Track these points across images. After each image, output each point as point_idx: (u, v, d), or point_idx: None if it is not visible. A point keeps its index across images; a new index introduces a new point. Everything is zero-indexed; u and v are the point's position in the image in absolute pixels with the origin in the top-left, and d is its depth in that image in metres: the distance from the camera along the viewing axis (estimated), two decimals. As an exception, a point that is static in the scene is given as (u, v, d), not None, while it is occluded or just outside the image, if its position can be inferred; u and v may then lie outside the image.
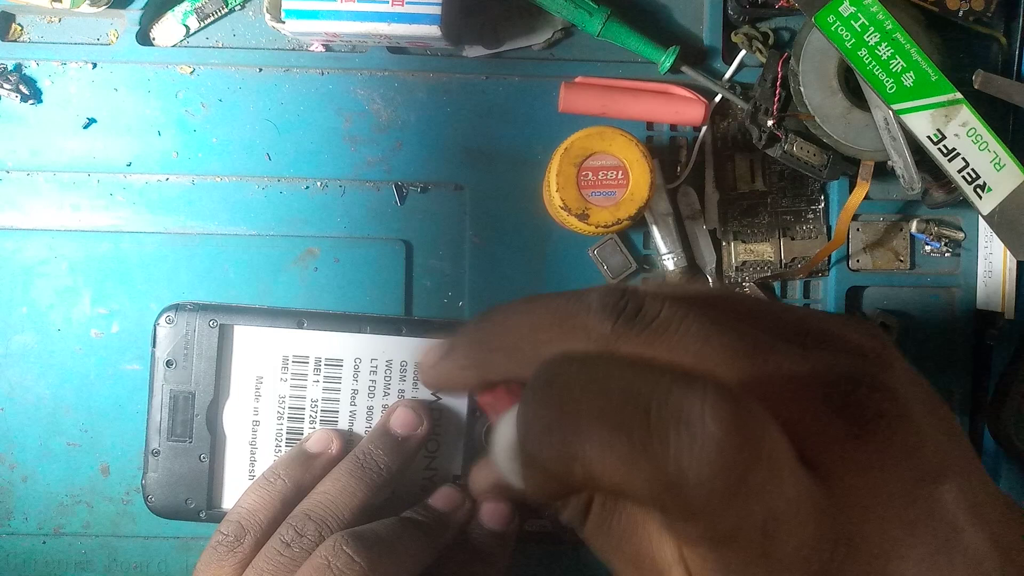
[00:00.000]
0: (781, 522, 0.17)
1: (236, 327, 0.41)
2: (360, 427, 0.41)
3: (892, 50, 0.38)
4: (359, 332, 0.41)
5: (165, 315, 0.41)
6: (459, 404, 0.41)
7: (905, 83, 0.38)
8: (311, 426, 0.41)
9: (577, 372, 0.18)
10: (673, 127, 0.43)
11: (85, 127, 0.42)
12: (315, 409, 0.41)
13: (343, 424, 0.41)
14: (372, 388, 0.41)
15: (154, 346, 0.41)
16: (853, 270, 0.44)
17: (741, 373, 0.19)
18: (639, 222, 0.40)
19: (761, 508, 0.17)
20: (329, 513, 0.36)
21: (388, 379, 0.41)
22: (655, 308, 0.20)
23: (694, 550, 0.18)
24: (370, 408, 0.41)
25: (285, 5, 0.39)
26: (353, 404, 0.41)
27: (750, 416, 0.17)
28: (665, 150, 0.43)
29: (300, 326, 0.41)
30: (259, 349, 0.41)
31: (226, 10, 0.42)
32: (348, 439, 0.40)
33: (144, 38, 0.42)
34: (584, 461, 0.17)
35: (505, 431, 0.21)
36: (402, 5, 0.38)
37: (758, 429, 0.17)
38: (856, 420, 0.19)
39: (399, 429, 0.39)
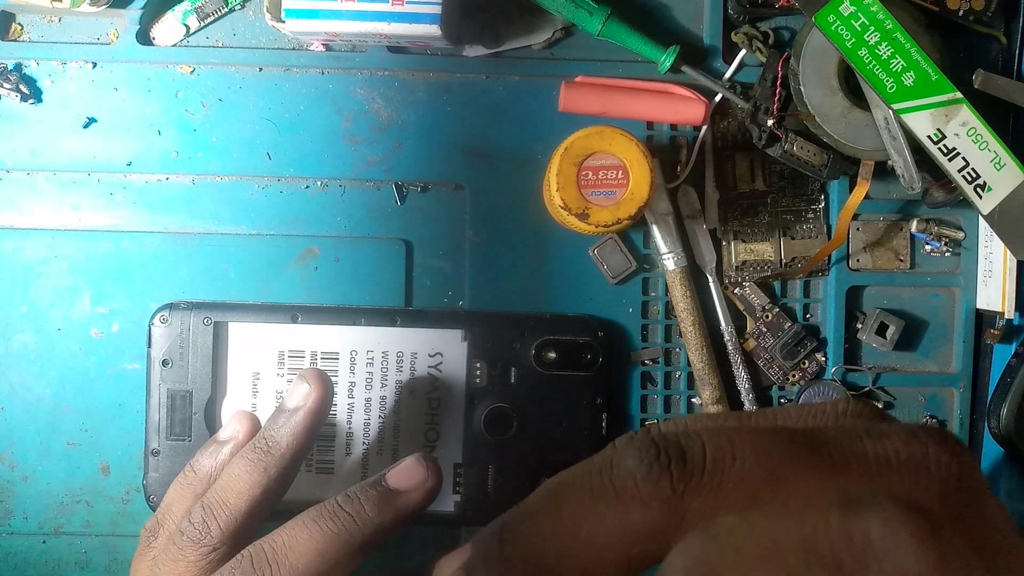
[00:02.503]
0: None
1: (231, 324, 0.41)
2: (359, 419, 0.41)
3: (892, 49, 0.37)
4: (354, 324, 0.41)
5: (159, 315, 0.41)
6: (458, 394, 0.42)
7: (905, 83, 0.38)
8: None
9: (731, 549, 0.16)
10: (673, 127, 0.43)
11: (85, 127, 0.42)
12: None
13: (342, 417, 0.41)
14: (369, 380, 0.41)
15: (150, 346, 0.41)
16: (853, 270, 0.44)
17: (836, 475, 0.17)
18: (639, 222, 0.40)
19: None
20: (216, 501, 0.34)
21: (385, 370, 0.41)
22: (696, 445, 0.18)
23: None
24: (368, 400, 0.41)
25: (285, 4, 0.39)
26: (351, 396, 0.41)
27: (941, 525, 0.15)
28: (665, 150, 0.43)
29: (295, 320, 0.41)
30: (254, 345, 0.41)
31: (226, 10, 0.42)
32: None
33: (144, 38, 0.42)
34: None
35: None
36: (402, 5, 0.38)
37: (953, 537, 0.16)
38: (969, 515, 0.17)
39: (289, 403, 0.36)
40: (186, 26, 0.42)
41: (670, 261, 0.43)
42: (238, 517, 0.34)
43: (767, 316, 0.43)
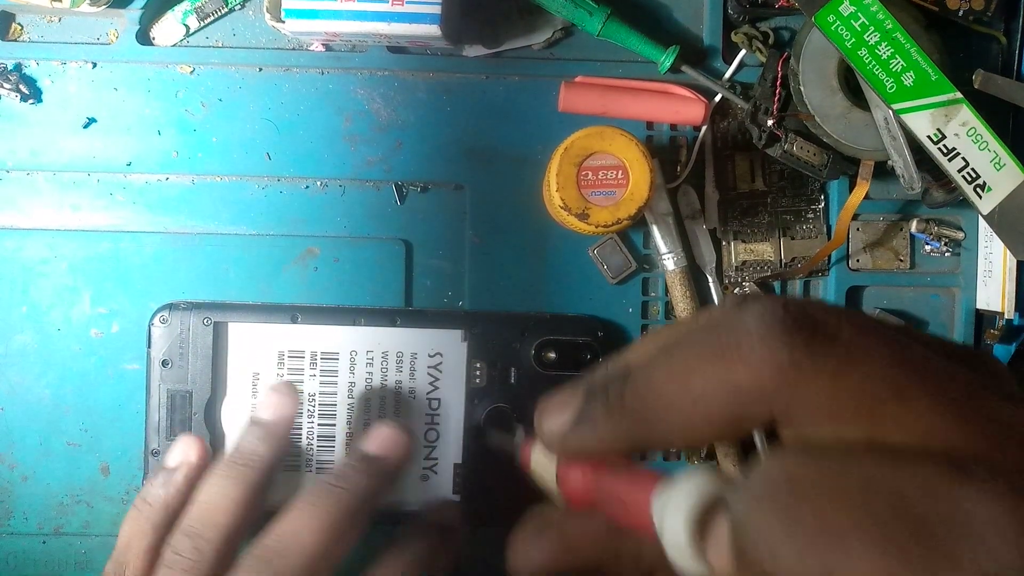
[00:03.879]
0: None
1: (230, 324, 0.41)
2: (359, 420, 0.41)
3: (892, 50, 0.37)
4: (354, 325, 0.41)
5: (159, 315, 0.41)
6: (456, 393, 0.42)
7: (905, 83, 0.38)
8: (309, 420, 0.41)
9: (824, 473, 0.16)
10: (673, 127, 0.43)
11: (85, 127, 0.42)
12: (313, 403, 0.41)
13: (341, 417, 0.41)
14: (369, 380, 0.41)
15: (149, 346, 0.41)
16: (853, 270, 0.44)
17: (963, 429, 0.16)
18: (639, 222, 0.40)
19: None
20: (202, 523, 0.34)
21: (385, 370, 0.41)
22: (835, 324, 0.17)
23: None
24: (368, 400, 0.41)
25: (285, 4, 0.39)
26: (351, 397, 0.41)
27: None
28: (665, 150, 0.43)
29: (294, 321, 0.41)
30: (254, 345, 0.41)
31: (226, 10, 0.42)
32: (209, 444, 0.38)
33: (144, 38, 0.42)
34: None
35: (680, 515, 0.18)
36: (402, 5, 0.38)
37: None
38: None
39: (264, 414, 0.37)
40: (186, 26, 0.42)
41: (670, 261, 0.43)
42: (229, 536, 0.34)
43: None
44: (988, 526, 0.14)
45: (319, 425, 0.41)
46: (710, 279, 0.43)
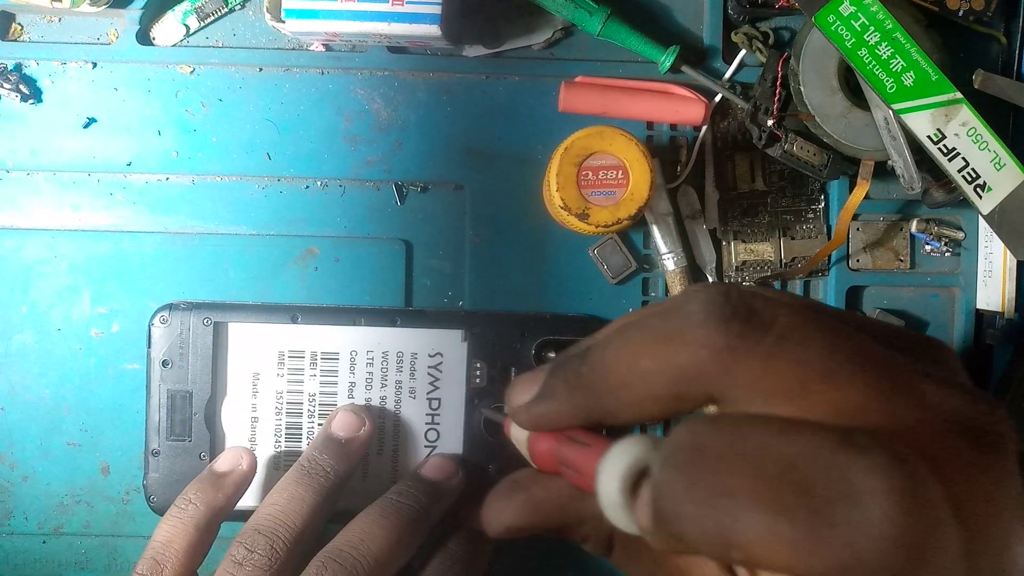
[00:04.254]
0: None
1: (230, 324, 0.41)
2: (360, 426, 0.41)
3: (892, 50, 0.37)
4: (354, 324, 0.41)
5: (159, 315, 0.41)
6: (457, 393, 0.42)
7: (905, 83, 0.38)
8: (309, 420, 0.41)
9: (725, 440, 0.17)
10: (673, 127, 0.43)
11: (85, 127, 0.42)
12: (313, 403, 0.41)
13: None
14: (369, 380, 0.41)
15: (149, 347, 0.41)
16: (853, 270, 0.44)
17: (884, 408, 0.17)
18: (639, 222, 0.40)
19: None
20: (278, 523, 0.35)
21: (385, 371, 0.41)
22: (770, 309, 0.18)
23: None
24: (368, 400, 0.41)
25: (285, 5, 0.39)
26: (351, 397, 0.41)
27: (924, 486, 0.16)
28: (665, 150, 0.43)
29: (294, 321, 0.41)
30: (254, 345, 0.41)
31: (226, 10, 0.42)
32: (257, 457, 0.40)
33: (144, 38, 0.42)
34: (743, 546, 0.16)
35: (615, 473, 0.20)
36: (402, 5, 0.38)
37: (930, 499, 0.16)
38: (990, 462, 0.17)
39: (341, 432, 0.39)
40: (186, 26, 0.42)
41: (670, 261, 0.43)
42: (301, 538, 0.35)
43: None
44: (866, 495, 0.15)
45: (319, 425, 0.41)
46: (710, 279, 0.43)
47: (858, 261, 0.44)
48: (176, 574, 0.35)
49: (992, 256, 0.43)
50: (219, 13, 0.42)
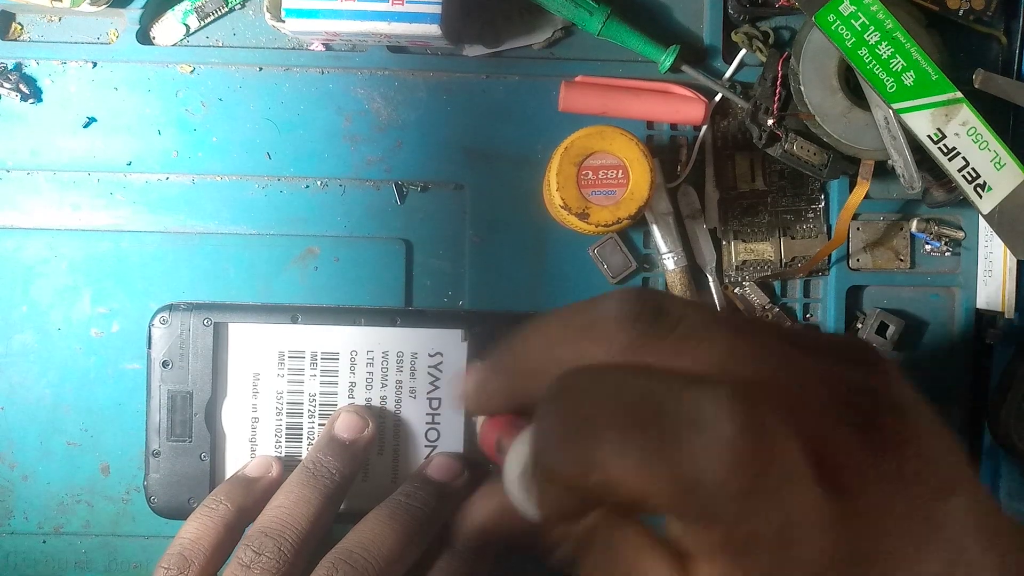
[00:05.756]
0: (798, 528, 0.17)
1: (231, 325, 0.41)
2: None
3: (892, 49, 0.37)
4: (354, 325, 0.41)
5: (159, 316, 0.41)
6: (458, 393, 0.41)
7: (905, 82, 0.38)
8: (310, 421, 0.41)
9: (590, 381, 0.18)
10: (673, 126, 0.43)
11: (85, 126, 0.42)
12: (313, 403, 0.41)
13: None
14: (370, 380, 0.41)
15: (150, 347, 0.41)
16: (853, 269, 0.44)
17: (763, 381, 0.19)
18: (639, 221, 0.40)
19: (778, 513, 0.16)
20: (285, 526, 0.35)
21: (385, 370, 0.41)
22: (677, 310, 0.19)
23: (713, 566, 0.18)
24: (368, 400, 0.41)
25: (285, 4, 0.39)
26: (351, 397, 0.41)
27: (764, 417, 0.17)
28: (665, 150, 0.43)
29: (295, 321, 0.41)
30: (254, 346, 0.41)
31: (226, 9, 0.42)
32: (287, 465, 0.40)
33: (144, 37, 0.42)
34: (601, 468, 0.17)
35: (517, 456, 0.21)
36: (402, 4, 0.38)
37: (773, 431, 0.17)
38: (872, 436, 0.18)
39: (345, 434, 0.39)
40: (186, 26, 0.42)
41: (670, 261, 0.43)
42: (307, 540, 0.35)
43: (768, 316, 0.43)
44: (708, 420, 0.16)
45: (320, 426, 0.41)
46: (710, 279, 0.43)
47: (858, 261, 0.44)
48: (203, 571, 0.35)
49: (992, 256, 0.43)
50: (219, 12, 0.42)
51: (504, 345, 0.23)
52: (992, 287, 0.43)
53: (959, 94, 0.37)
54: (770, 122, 0.40)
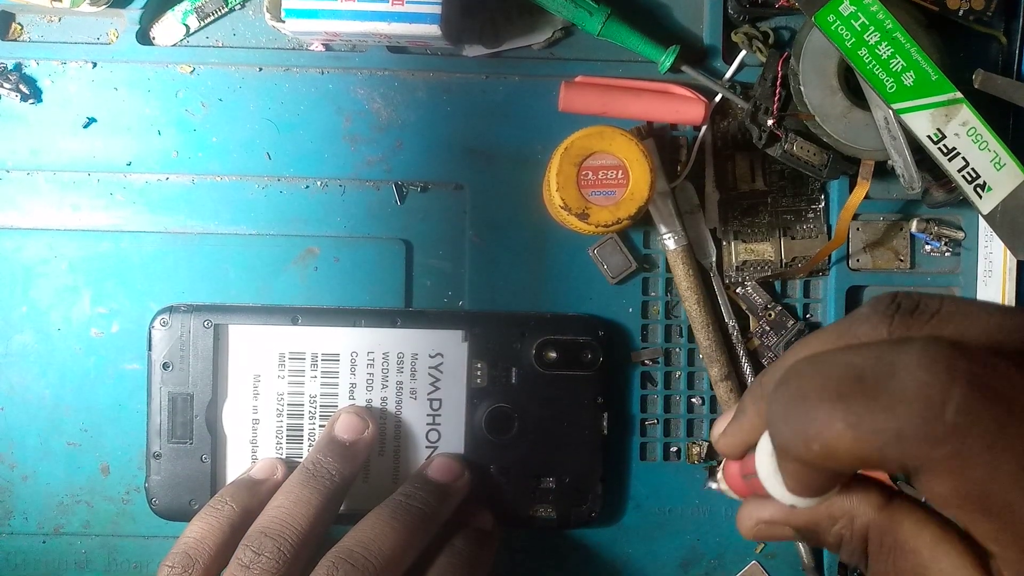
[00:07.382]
0: None
1: (231, 326, 0.41)
2: (360, 426, 0.41)
3: (892, 49, 0.37)
4: (354, 326, 0.41)
5: (160, 318, 0.41)
6: (458, 393, 0.42)
7: (905, 82, 0.38)
8: (311, 422, 0.41)
9: (806, 363, 0.20)
10: (673, 126, 0.43)
11: (85, 127, 0.42)
12: (314, 405, 0.41)
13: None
14: (370, 381, 0.41)
15: (150, 349, 0.41)
16: (853, 269, 0.44)
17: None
18: (639, 221, 0.40)
19: (1011, 456, 0.17)
20: (285, 526, 0.35)
21: (385, 371, 0.41)
22: (935, 301, 0.21)
23: (963, 516, 0.19)
24: (369, 401, 0.41)
25: (285, 4, 0.39)
26: (352, 398, 0.41)
27: (972, 361, 0.17)
28: (665, 150, 0.43)
29: (295, 322, 0.41)
30: (255, 347, 0.41)
31: (226, 9, 0.42)
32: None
33: (144, 37, 0.42)
34: (818, 438, 0.19)
35: (764, 446, 0.23)
36: (402, 4, 0.38)
37: (987, 374, 0.17)
38: None
39: (345, 435, 0.39)
40: (186, 26, 0.42)
41: (671, 241, 0.42)
42: (307, 540, 0.35)
43: (770, 315, 0.43)
44: (903, 368, 0.18)
45: (320, 427, 0.41)
46: (711, 273, 0.43)
47: (858, 261, 0.44)
48: (207, 571, 0.35)
49: (992, 256, 0.43)
50: (219, 13, 0.42)
51: (757, 378, 0.25)
52: (992, 287, 0.43)
53: (959, 94, 0.37)
54: (770, 122, 0.40)
